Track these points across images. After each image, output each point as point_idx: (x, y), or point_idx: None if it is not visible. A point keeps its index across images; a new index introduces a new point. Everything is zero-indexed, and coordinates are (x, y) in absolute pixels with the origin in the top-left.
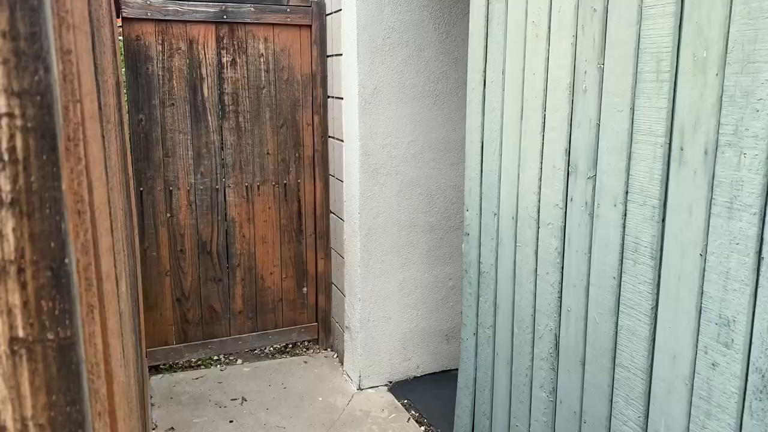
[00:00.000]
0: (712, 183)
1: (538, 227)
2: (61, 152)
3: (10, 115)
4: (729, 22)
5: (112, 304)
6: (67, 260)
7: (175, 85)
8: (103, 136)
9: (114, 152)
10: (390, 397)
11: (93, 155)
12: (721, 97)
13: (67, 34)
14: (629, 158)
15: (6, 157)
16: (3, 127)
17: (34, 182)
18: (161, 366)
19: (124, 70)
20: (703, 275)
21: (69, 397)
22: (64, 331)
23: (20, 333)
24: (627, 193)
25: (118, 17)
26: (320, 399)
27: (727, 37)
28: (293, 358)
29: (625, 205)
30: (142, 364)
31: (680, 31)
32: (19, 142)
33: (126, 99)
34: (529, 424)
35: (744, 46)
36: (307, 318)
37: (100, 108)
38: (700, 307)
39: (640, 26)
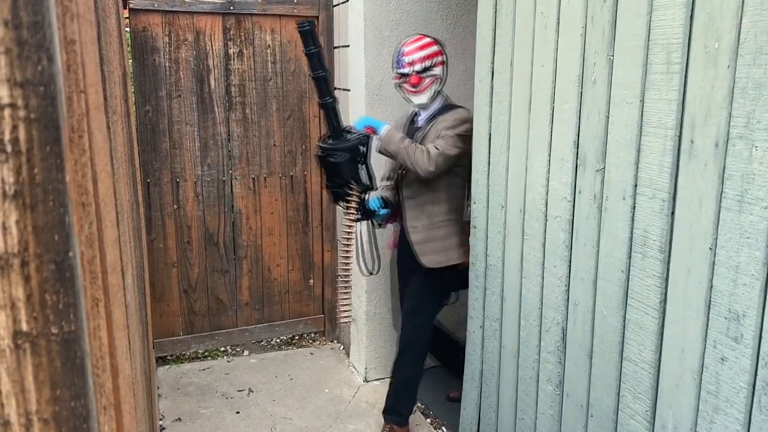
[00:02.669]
0: (723, 176)
1: (546, 220)
2: (64, 143)
3: (13, 105)
4: (741, 13)
5: (117, 296)
6: (71, 253)
7: (182, 76)
8: (108, 128)
9: (120, 143)
10: None
11: (98, 146)
12: (733, 89)
13: (71, 24)
14: (638, 151)
15: (9, 148)
16: (6, 118)
17: (37, 174)
18: (168, 357)
19: (131, 61)
20: (713, 269)
21: (73, 391)
22: (68, 324)
23: (24, 327)
24: (636, 186)
25: (124, 8)
26: (326, 391)
27: (740, 27)
28: (299, 349)
29: (634, 198)
30: (149, 355)
31: (691, 21)
32: (22, 134)
33: (133, 90)
34: (536, 417)
35: (756, 36)
36: (314, 310)
37: (105, 99)
38: (710, 301)
39: (650, 17)
